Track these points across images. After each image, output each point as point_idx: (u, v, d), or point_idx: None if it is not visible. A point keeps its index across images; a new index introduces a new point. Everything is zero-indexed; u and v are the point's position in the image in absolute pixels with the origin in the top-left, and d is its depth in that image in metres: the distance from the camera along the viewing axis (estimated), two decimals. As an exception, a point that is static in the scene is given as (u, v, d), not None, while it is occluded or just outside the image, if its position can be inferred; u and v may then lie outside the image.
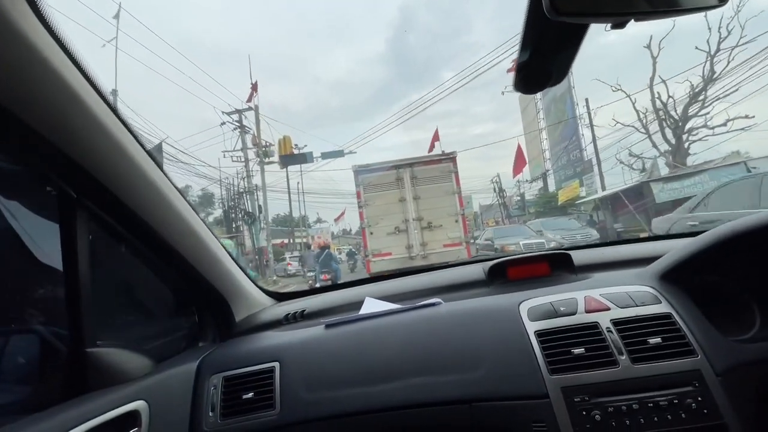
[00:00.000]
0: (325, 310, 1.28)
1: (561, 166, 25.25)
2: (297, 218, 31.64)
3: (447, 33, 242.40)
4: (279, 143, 20.85)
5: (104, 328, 0.87)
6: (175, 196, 0.92)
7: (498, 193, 28.00)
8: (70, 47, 0.60)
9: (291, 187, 27.86)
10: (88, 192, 0.78)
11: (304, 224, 35.45)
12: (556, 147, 25.74)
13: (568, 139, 24.20)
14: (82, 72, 0.64)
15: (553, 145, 26.64)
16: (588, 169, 21.69)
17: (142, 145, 0.80)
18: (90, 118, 0.67)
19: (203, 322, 1.22)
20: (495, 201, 25.90)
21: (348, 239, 49.50)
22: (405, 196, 7.85)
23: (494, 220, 36.47)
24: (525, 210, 25.40)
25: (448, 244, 7.76)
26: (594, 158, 20.22)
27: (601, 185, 19.67)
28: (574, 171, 23.33)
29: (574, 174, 23.11)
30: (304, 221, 34.38)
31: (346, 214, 42.65)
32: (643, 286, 0.97)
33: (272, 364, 0.99)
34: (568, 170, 24.14)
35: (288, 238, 31.82)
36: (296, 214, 49.95)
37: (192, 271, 1.06)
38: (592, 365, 0.83)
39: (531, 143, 28.69)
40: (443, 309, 1.07)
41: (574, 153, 23.50)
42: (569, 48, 0.66)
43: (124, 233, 0.90)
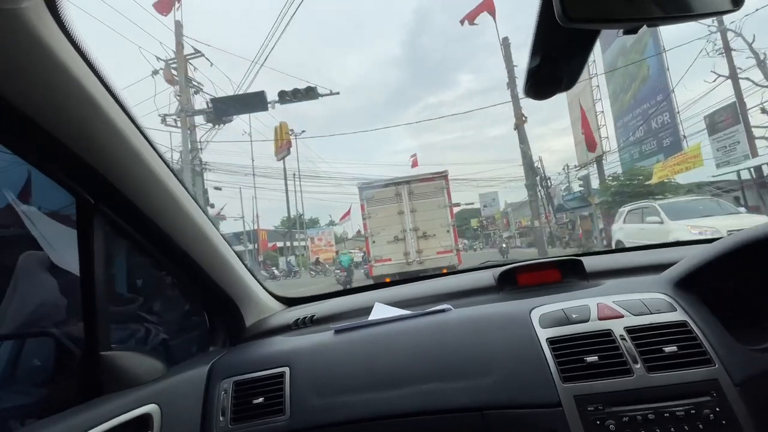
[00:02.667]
0: (335, 316, 1.28)
1: (634, 141, 19.02)
2: (296, 217, 27.13)
3: (462, 34, 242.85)
4: (275, 132, 18.62)
5: (118, 332, 0.89)
6: (188, 201, 0.93)
7: (540, 181, 20.95)
8: (89, 55, 0.62)
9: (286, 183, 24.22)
10: (105, 198, 0.80)
11: (301, 225, 30.48)
12: (625, 117, 19.71)
13: (648, 102, 17.91)
14: (101, 80, 0.66)
15: (617, 118, 20.51)
16: (675, 145, 15.62)
17: (157, 152, 0.82)
18: (109, 125, 0.69)
19: (214, 327, 1.23)
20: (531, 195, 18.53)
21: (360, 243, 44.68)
22: (403, 209, 8.93)
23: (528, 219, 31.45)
24: (588, 197, 18.38)
25: (440, 252, 8.78)
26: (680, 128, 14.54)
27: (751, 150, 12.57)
28: (658, 145, 17.22)
29: (658, 149, 17.14)
30: (302, 221, 29.71)
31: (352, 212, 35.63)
32: (658, 293, 0.95)
33: (282, 369, 0.99)
34: (649, 145, 18.00)
35: (283, 241, 28.08)
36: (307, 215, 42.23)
37: (204, 276, 1.07)
38: (605, 374, 0.81)
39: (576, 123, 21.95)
40: (453, 315, 1.06)
41: (660, 119, 17.10)
42: (580, 54, 0.66)
43: (139, 239, 0.92)
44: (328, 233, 35.47)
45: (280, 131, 18.36)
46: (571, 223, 23.47)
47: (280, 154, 21.32)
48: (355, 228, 54.32)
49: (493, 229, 48.93)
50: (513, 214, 37.08)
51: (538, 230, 17.97)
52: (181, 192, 0.91)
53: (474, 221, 58.62)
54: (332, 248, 32.89)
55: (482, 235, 50.92)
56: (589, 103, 19.80)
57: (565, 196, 23.76)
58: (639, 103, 18.86)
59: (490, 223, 50.98)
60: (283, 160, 21.99)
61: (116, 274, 0.91)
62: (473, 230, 57.23)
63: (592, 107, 19.92)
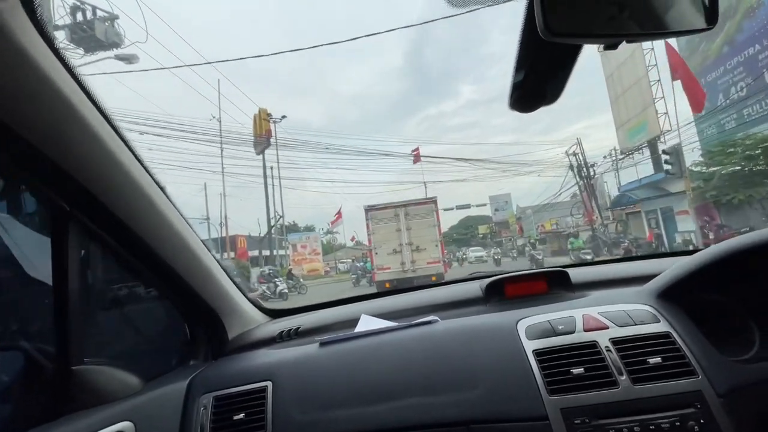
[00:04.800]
0: (321, 328, 1.26)
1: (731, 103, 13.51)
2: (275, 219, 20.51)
3: (463, 45, 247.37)
4: (254, 120, 16.05)
5: (92, 346, 0.85)
6: (170, 210, 0.91)
7: (577, 171, 17.57)
8: (65, 56, 0.60)
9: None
10: (81, 205, 0.77)
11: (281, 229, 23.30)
12: (709, 74, 14.51)
13: (756, 44, 12.59)
14: (78, 82, 0.64)
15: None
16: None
17: (138, 159, 0.80)
18: (85, 129, 0.67)
19: (195, 339, 1.20)
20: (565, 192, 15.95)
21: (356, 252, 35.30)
22: (400, 227, 10.98)
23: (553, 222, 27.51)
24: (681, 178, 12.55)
25: (430, 262, 10.83)
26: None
27: None
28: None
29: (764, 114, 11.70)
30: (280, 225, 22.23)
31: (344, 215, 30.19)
32: (641, 304, 0.96)
33: (264, 384, 0.96)
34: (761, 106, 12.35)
35: (258, 249, 21.72)
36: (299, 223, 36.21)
37: (185, 287, 1.04)
38: (591, 386, 0.81)
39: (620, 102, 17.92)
40: (440, 327, 1.05)
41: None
42: (563, 69, 0.67)
43: (116, 248, 0.89)
44: (314, 239, 28.78)
45: (259, 118, 16.01)
46: (622, 223, 17.98)
47: (259, 146, 17.95)
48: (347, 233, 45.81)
49: (506, 236, 41.92)
50: (533, 218, 31.64)
51: (597, 232, 15.41)
52: (163, 201, 0.89)
53: (483, 227, 52.64)
54: (318, 257, 27.73)
55: (492, 243, 42.89)
56: (640, 70, 16.36)
57: (627, 184, 17.86)
58: (737, 50, 13.34)
59: (502, 229, 44.61)
60: (262, 153, 18.13)
61: (91, 285, 0.87)
62: (479, 238, 51.25)
63: (645, 76, 16.18)
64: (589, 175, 18.08)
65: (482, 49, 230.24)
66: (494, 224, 47.36)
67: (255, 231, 23.58)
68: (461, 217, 66.31)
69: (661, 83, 16.00)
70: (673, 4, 0.56)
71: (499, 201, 45.36)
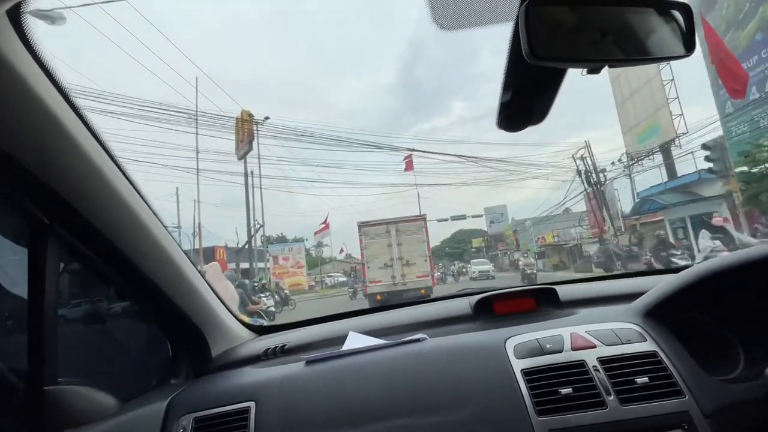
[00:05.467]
0: (308, 345, 1.23)
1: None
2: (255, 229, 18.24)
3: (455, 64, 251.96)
4: (236, 123, 14.97)
5: (68, 364, 0.82)
6: (154, 224, 0.89)
7: (585, 176, 16.02)
8: (50, 67, 0.59)
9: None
10: (61, 218, 0.75)
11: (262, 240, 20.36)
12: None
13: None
14: (63, 94, 0.63)
15: None
16: None
17: (122, 170, 0.78)
18: (67, 140, 0.65)
19: (177, 357, 1.16)
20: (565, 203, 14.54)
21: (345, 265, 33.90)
22: (392, 243, 11.52)
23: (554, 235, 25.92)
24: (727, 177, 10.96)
25: (419, 276, 11.37)
26: None
27: None
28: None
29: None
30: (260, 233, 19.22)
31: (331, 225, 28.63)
32: (628, 323, 0.96)
33: (247, 404, 0.93)
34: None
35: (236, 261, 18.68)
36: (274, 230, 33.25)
37: (168, 302, 1.02)
38: (579, 406, 0.80)
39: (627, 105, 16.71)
40: (428, 345, 1.04)
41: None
42: (549, 90, 0.69)
43: (97, 262, 0.86)
44: (297, 251, 26.39)
45: (241, 121, 14.95)
46: (637, 234, 15.49)
47: (241, 150, 16.57)
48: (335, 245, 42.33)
49: (502, 249, 39.50)
50: (533, 230, 29.55)
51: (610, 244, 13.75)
52: (147, 215, 0.87)
53: (476, 240, 50.03)
54: (302, 270, 25.71)
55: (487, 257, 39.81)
56: (651, 70, 14.64)
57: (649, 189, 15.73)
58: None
59: (498, 242, 41.99)
60: (244, 158, 16.85)
61: (69, 300, 0.85)
62: (473, 252, 47.82)
63: (657, 75, 14.73)
64: (599, 181, 16.36)
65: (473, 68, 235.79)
66: (489, 237, 45.33)
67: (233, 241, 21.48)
68: (454, 230, 65.52)
69: (675, 83, 14.77)
70: (653, 32, 0.59)
71: (495, 213, 43.80)
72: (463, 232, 62.91)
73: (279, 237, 35.67)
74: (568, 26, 0.57)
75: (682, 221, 14.34)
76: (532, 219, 29.64)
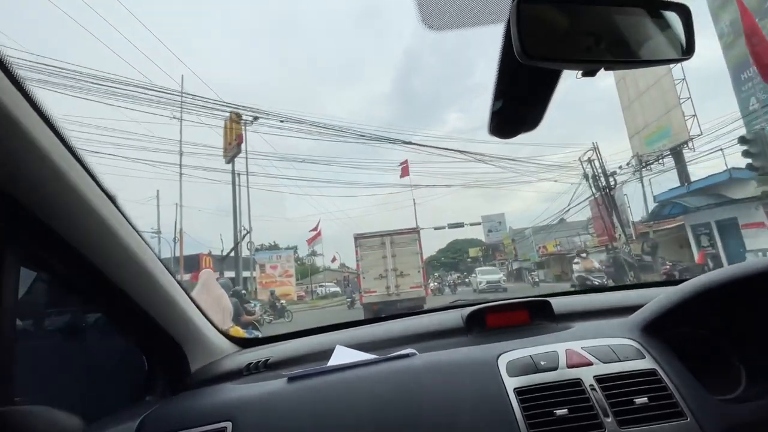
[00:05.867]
0: (293, 359, 1.18)
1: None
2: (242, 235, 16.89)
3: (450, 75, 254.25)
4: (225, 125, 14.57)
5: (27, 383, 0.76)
6: (126, 230, 0.84)
7: (592, 180, 14.96)
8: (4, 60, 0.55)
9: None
10: (19, 223, 0.70)
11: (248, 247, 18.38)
12: None
13: None
14: (18, 86, 0.58)
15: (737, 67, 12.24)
16: None
17: (89, 172, 0.73)
18: (25, 139, 0.60)
19: (153, 372, 1.10)
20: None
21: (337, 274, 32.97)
22: (386, 254, 12.00)
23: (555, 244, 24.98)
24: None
25: (413, 286, 11.85)
26: None
27: None
28: None
29: None
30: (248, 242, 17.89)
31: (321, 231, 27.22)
32: (626, 338, 0.92)
33: (224, 425, 0.87)
34: None
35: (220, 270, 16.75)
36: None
37: (142, 314, 0.96)
38: (575, 428, 0.76)
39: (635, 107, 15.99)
40: (418, 361, 0.99)
41: None
42: (541, 96, 0.66)
43: (62, 271, 0.81)
44: (286, 259, 24.72)
45: (230, 122, 14.56)
46: (650, 243, 14.39)
47: (229, 153, 15.92)
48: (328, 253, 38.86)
49: (500, 259, 37.83)
50: (533, 239, 28.02)
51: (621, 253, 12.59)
52: (117, 220, 0.82)
53: (473, 250, 48.45)
54: (290, 280, 24.20)
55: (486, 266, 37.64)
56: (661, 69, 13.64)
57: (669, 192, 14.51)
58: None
59: (496, 252, 40.23)
60: (232, 161, 16.14)
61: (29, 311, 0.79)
62: (469, 262, 46.22)
63: (668, 74, 14.03)
64: (609, 185, 15.09)
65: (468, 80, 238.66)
66: (487, 246, 43.66)
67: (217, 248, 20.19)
68: (450, 240, 65.06)
69: (687, 82, 13.83)
70: (652, 34, 0.56)
71: (493, 221, 42.32)
72: (459, 241, 62.20)
73: (272, 245, 34.73)
74: (562, 26, 0.54)
75: (706, 226, 13.00)
76: (532, 227, 28.08)
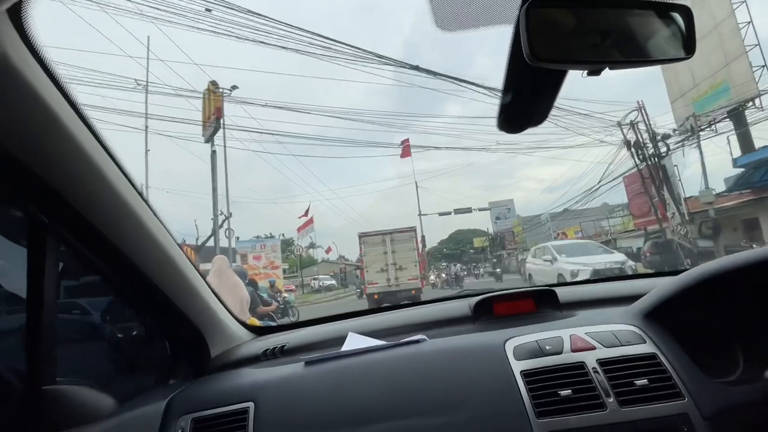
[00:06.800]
0: (307, 346, 1.23)
1: None
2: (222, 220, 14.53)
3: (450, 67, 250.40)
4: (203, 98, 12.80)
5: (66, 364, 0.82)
6: (154, 224, 0.89)
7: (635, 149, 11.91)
8: (49, 64, 0.59)
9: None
10: (61, 218, 0.75)
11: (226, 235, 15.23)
12: None
13: None
14: (63, 93, 0.63)
15: None
16: None
17: (122, 170, 0.78)
18: (67, 139, 0.65)
19: (176, 358, 1.16)
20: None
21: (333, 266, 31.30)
22: (387, 251, 13.57)
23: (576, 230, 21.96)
24: None
25: (410, 279, 13.38)
26: None
27: None
28: None
29: None
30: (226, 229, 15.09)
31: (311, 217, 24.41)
32: (628, 324, 0.96)
33: (246, 405, 0.93)
34: None
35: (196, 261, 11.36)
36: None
37: (167, 303, 1.01)
38: (579, 408, 0.80)
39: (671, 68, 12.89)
40: (428, 346, 1.04)
41: None
42: (549, 92, 0.69)
43: (96, 262, 0.86)
44: (272, 248, 21.11)
45: (209, 94, 12.62)
46: (710, 224, 11.58)
47: (207, 130, 13.84)
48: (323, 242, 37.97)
49: (510, 249, 33.94)
50: (550, 225, 25.14)
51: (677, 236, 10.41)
52: (147, 214, 0.87)
53: (478, 240, 44.30)
54: (277, 271, 20.20)
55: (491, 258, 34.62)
56: (718, 13, 11.76)
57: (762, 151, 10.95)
58: None
59: (506, 241, 35.66)
60: (211, 140, 13.94)
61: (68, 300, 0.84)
62: (472, 253, 44.07)
63: (731, 15, 11.70)
64: (659, 153, 11.75)
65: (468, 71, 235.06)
66: (495, 234, 39.43)
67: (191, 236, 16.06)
68: (452, 231, 63.45)
69: (754, 26, 10.39)
70: (654, 34, 0.59)
71: (501, 208, 39.62)
72: (461, 232, 60.25)
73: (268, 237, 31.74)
74: (568, 28, 0.57)
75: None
76: (549, 213, 24.66)
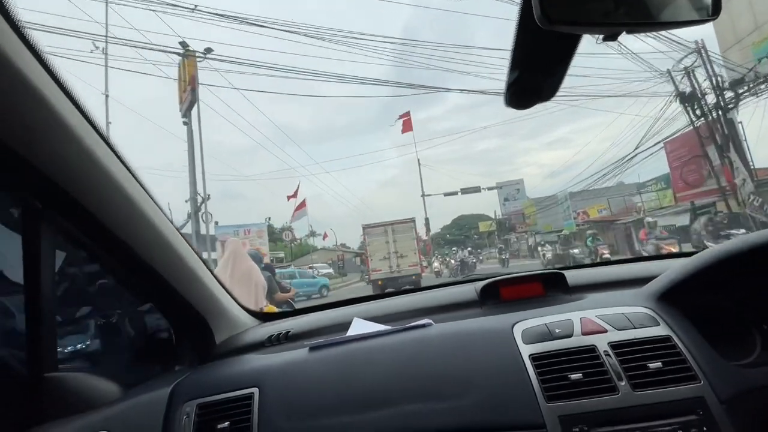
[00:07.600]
0: (312, 331, 1.22)
1: None
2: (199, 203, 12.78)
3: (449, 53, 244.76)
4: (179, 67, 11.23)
5: (69, 351, 0.81)
6: (152, 209, 0.87)
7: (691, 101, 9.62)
8: (38, 47, 0.57)
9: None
10: (55, 203, 0.73)
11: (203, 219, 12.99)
12: None
13: None
14: (56, 79, 0.60)
15: None
16: None
17: (115, 152, 0.76)
18: (58, 122, 0.63)
19: (180, 344, 1.15)
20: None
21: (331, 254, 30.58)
22: (389, 240, 14.94)
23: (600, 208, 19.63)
24: None
25: (411, 265, 14.83)
26: None
27: None
28: None
29: None
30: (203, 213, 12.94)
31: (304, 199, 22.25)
32: (640, 307, 0.93)
33: (251, 390, 0.92)
34: None
35: None
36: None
37: (169, 289, 1.00)
38: (590, 392, 0.78)
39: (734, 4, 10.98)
40: (434, 330, 1.02)
41: None
42: (559, 64, 0.65)
43: (94, 248, 0.85)
44: (258, 234, 18.63)
45: (185, 65, 10.96)
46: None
47: (184, 104, 12.02)
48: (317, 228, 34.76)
49: (520, 231, 31.55)
50: (569, 203, 22.64)
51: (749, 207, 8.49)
52: (144, 199, 0.85)
53: (484, 224, 41.57)
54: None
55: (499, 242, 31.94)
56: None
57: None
58: None
59: (517, 223, 32.94)
60: (188, 115, 12.12)
61: (68, 287, 0.83)
62: (476, 239, 42.11)
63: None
64: (724, 105, 9.12)
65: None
66: (504, 216, 36.73)
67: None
68: (455, 216, 61.78)
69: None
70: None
71: (510, 188, 37.21)
72: (465, 217, 58.18)
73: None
74: None
75: None
76: (569, 191, 21.99)
